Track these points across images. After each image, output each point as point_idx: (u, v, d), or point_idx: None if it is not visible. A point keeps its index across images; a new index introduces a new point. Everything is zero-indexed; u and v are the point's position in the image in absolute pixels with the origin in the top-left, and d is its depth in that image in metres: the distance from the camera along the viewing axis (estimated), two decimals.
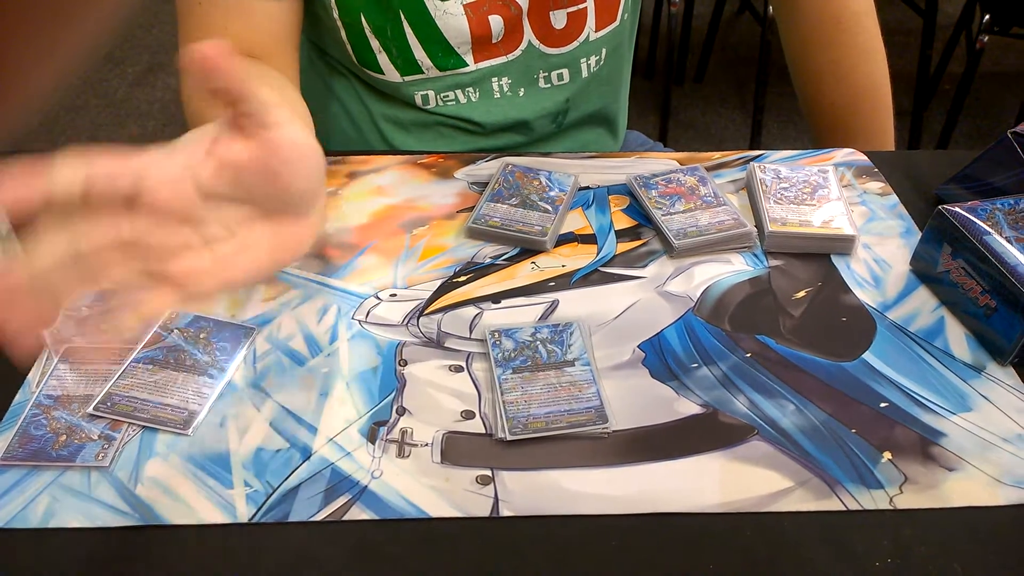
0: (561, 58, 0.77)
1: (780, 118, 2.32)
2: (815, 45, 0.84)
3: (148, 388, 0.52)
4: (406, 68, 0.74)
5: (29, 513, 0.45)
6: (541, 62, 0.77)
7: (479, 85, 0.77)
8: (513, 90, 0.78)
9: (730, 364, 0.55)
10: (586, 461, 0.49)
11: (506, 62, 0.76)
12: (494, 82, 0.77)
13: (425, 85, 0.76)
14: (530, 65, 0.77)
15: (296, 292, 0.60)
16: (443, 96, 0.77)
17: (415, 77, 0.75)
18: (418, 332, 0.57)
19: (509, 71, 0.76)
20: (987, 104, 2.36)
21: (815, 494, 0.47)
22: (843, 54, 0.83)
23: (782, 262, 0.64)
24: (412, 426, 0.50)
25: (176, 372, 0.53)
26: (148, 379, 0.52)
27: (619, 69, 0.84)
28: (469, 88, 0.77)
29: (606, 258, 0.64)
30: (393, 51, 0.73)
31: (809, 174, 0.70)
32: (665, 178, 0.70)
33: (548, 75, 0.78)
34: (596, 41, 0.78)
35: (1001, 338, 0.55)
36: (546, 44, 0.76)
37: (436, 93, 0.77)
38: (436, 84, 0.76)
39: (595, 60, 0.79)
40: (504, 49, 0.75)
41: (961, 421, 0.51)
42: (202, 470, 0.48)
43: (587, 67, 0.79)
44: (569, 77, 0.79)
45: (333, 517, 0.45)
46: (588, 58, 0.78)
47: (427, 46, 0.73)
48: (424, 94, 0.77)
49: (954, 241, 0.58)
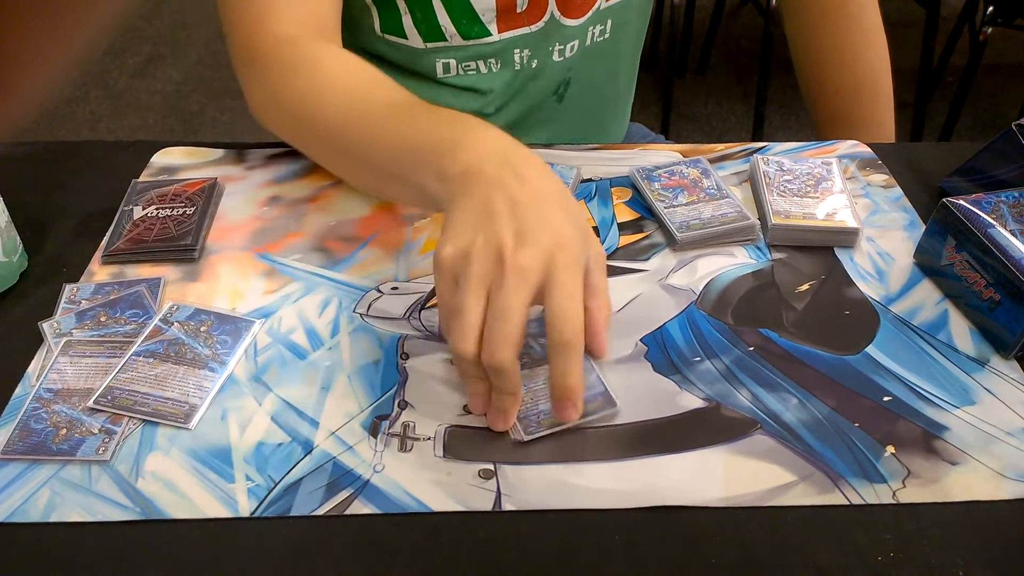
0: (575, 30, 0.77)
1: (782, 110, 2.31)
2: (820, 31, 0.84)
3: (148, 382, 0.52)
4: (429, 34, 0.73)
5: (30, 507, 0.45)
6: (558, 34, 0.77)
7: (501, 56, 0.76)
8: (530, 61, 0.78)
9: (733, 358, 0.55)
10: (588, 455, 0.48)
11: (528, 33, 0.75)
12: (516, 53, 0.76)
13: (448, 53, 0.75)
14: (549, 36, 0.77)
15: (297, 285, 0.60)
16: (464, 66, 0.76)
17: (438, 44, 0.74)
18: (420, 325, 0.57)
19: (529, 42, 0.76)
20: (990, 96, 2.35)
21: (818, 488, 0.47)
22: (848, 40, 0.83)
23: (785, 255, 0.64)
24: (414, 420, 0.50)
25: (177, 365, 0.53)
26: (148, 372, 0.52)
27: (621, 48, 0.84)
28: (491, 59, 0.76)
29: (608, 251, 0.64)
30: (418, 14, 0.72)
31: (813, 166, 0.70)
32: (668, 170, 0.70)
33: (563, 47, 0.78)
34: (605, 11, 0.78)
35: (1005, 331, 0.55)
36: (565, 15, 0.76)
37: (458, 62, 0.76)
38: (459, 53, 0.75)
39: (599, 29, 0.79)
40: (528, 19, 0.74)
41: (964, 415, 0.51)
42: (203, 464, 0.48)
43: (591, 36, 0.79)
44: (577, 47, 0.79)
45: (335, 511, 0.45)
46: (594, 27, 0.79)
47: (452, 12, 0.72)
48: (446, 62, 0.76)
49: (958, 234, 0.58)
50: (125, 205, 0.66)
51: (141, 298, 0.58)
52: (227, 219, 0.66)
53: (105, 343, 0.55)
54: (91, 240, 0.64)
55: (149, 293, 0.58)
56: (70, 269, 0.61)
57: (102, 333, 0.55)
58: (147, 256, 0.62)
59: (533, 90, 0.80)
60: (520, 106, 0.81)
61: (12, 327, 0.57)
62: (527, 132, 0.84)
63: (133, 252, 0.62)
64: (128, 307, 0.57)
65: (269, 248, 0.63)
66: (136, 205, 0.66)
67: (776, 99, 2.21)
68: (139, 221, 0.64)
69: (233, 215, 0.67)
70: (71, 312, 0.57)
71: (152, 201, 0.66)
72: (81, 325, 0.56)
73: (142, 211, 0.65)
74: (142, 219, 0.64)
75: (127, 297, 0.58)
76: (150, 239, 0.63)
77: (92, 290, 0.59)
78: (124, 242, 0.62)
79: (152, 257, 0.62)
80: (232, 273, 0.61)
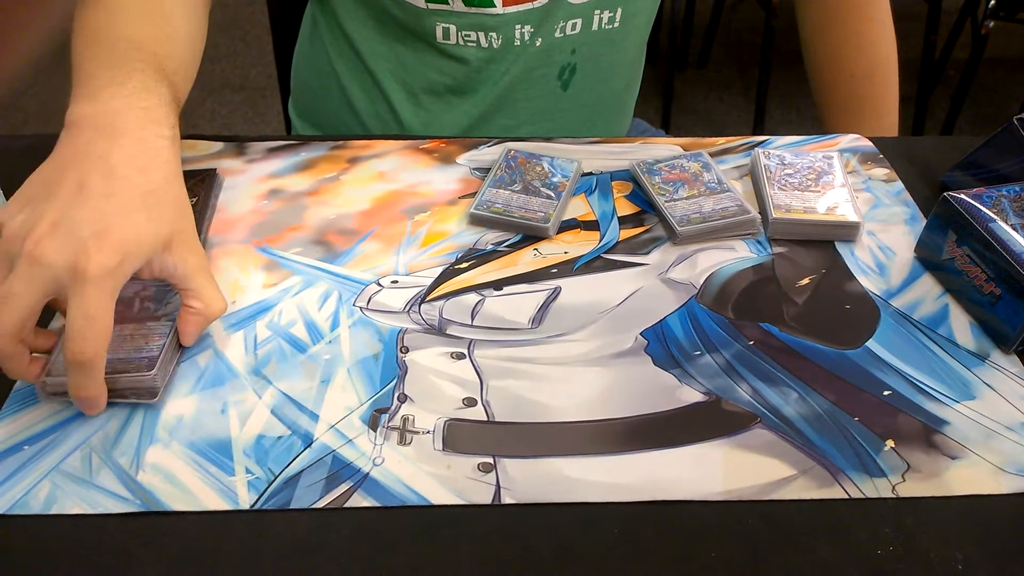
0: (580, 8, 0.77)
1: (784, 104, 2.31)
2: (836, 19, 0.87)
3: None
4: None
5: (30, 500, 0.45)
6: (562, 11, 0.77)
7: (502, 32, 0.76)
8: (532, 39, 0.78)
9: (733, 352, 0.55)
10: (588, 449, 0.48)
11: (531, 9, 0.75)
12: (517, 29, 0.76)
13: (449, 18, 0.75)
14: (552, 13, 0.77)
15: (297, 279, 0.60)
16: (465, 35, 0.76)
17: (440, 7, 0.74)
18: (420, 319, 0.57)
19: (532, 18, 0.76)
20: (992, 90, 2.34)
21: (818, 482, 0.47)
22: (864, 27, 0.86)
23: (786, 249, 0.63)
24: (414, 413, 0.50)
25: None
26: None
27: (630, 39, 0.83)
28: (492, 32, 0.76)
29: (609, 245, 0.63)
30: None
31: (814, 160, 0.70)
32: (669, 164, 0.70)
33: (564, 24, 0.78)
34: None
35: (1005, 326, 0.55)
36: None
37: (459, 29, 0.76)
38: (460, 20, 0.75)
39: (608, 15, 0.79)
40: None
41: (964, 409, 0.51)
42: (203, 457, 0.48)
43: (598, 20, 0.79)
44: (581, 27, 0.79)
45: (335, 504, 0.45)
46: (602, 11, 0.78)
47: None
48: (446, 27, 0.76)
49: (959, 228, 0.58)
50: None
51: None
52: (227, 212, 0.66)
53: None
54: None
55: None
56: None
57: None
58: None
59: (538, 75, 0.80)
60: (524, 92, 0.81)
61: None
62: (532, 124, 0.84)
63: None
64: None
65: (269, 241, 0.63)
66: None
67: (778, 93, 2.21)
68: None
69: (233, 208, 0.67)
70: None
71: None
72: None
73: None
74: None
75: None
76: None
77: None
78: None
79: None
80: (232, 266, 0.61)
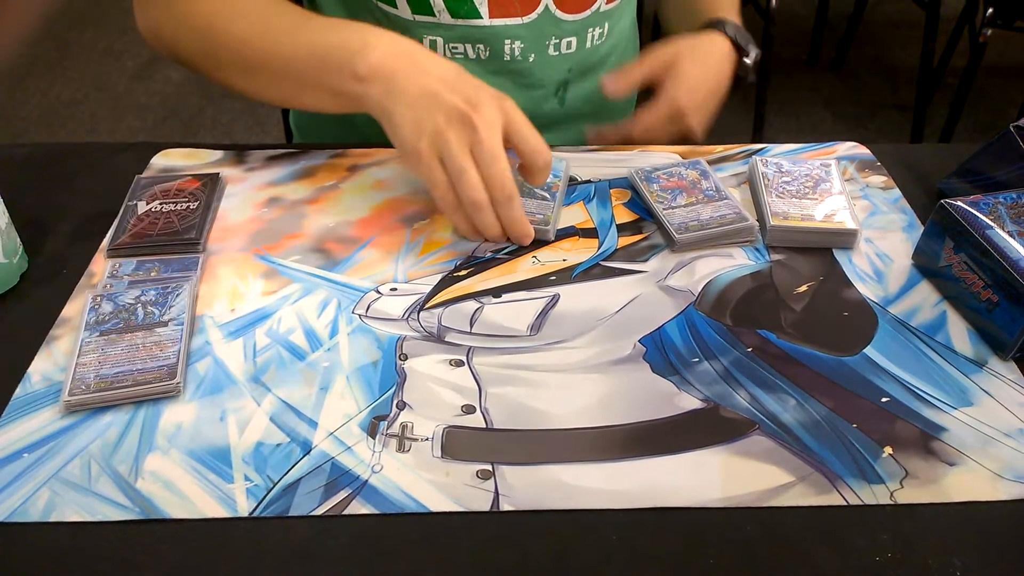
0: (573, 25, 0.77)
1: (782, 111, 2.31)
2: None
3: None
4: (417, 6, 0.74)
5: (29, 507, 0.45)
6: (554, 28, 0.77)
7: (491, 44, 0.76)
8: (524, 55, 0.78)
9: (731, 359, 0.55)
10: (587, 456, 0.49)
11: (521, 24, 0.76)
12: (507, 44, 0.77)
13: (436, 30, 0.75)
14: (544, 30, 0.77)
15: (296, 286, 0.60)
16: (452, 47, 0.76)
17: (426, 19, 0.75)
18: (418, 326, 0.57)
19: (522, 35, 0.76)
20: (990, 98, 2.35)
21: (816, 489, 0.47)
22: None
23: (784, 256, 0.64)
24: (412, 420, 0.50)
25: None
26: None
27: (620, 53, 0.84)
28: (480, 44, 0.76)
29: (607, 252, 0.64)
30: None
31: (811, 168, 0.70)
32: (667, 172, 0.70)
33: (558, 43, 0.78)
34: (605, 12, 0.79)
35: (1003, 333, 0.55)
36: (561, 9, 0.76)
37: (446, 42, 0.76)
38: (447, 32, 0.75)
39: (599, 32, 0.80)
40: (521, 10, 0.75)
41: (962, 416, 0.51)
42: (202, 464, 0.48)
43: (591, 38, 0.80)
44: (576, 46, 0.79)
45: (333, 511, 0.45)
46: (594, 29, 0.79)
47: None
48: (433, 39, 0.76)
49: (956, 235, 0.58)
50: (129, 200, 0.66)
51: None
52: (227, 220, 0.66)
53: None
54: (91, 241, 0.64)
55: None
56: (70, 271, 0.61)
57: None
58: (151, 250, 0.62)
59: (534, 90, 0.80)
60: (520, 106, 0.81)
61: (12, 328, 0.57)
62: None
63: (137, 246, 0.62)
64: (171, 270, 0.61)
65: (268, 249, 0.63)
66: (140, 200, 0.66)
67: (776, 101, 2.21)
68: (143, 216, 0.65)
69: (232, 216, 0.67)
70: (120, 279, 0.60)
71: (156, 196, 0.67)
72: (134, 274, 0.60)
73: (146, 206, 0.66)
74: (146, 214, 0.65)
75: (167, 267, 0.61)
76: (154, 233, 0.63)
77: (133, 266, 0.61)
78: (128, 236, 0.63)
79: (156, 251, 0.62)
80: (231, 274, 0.61)
